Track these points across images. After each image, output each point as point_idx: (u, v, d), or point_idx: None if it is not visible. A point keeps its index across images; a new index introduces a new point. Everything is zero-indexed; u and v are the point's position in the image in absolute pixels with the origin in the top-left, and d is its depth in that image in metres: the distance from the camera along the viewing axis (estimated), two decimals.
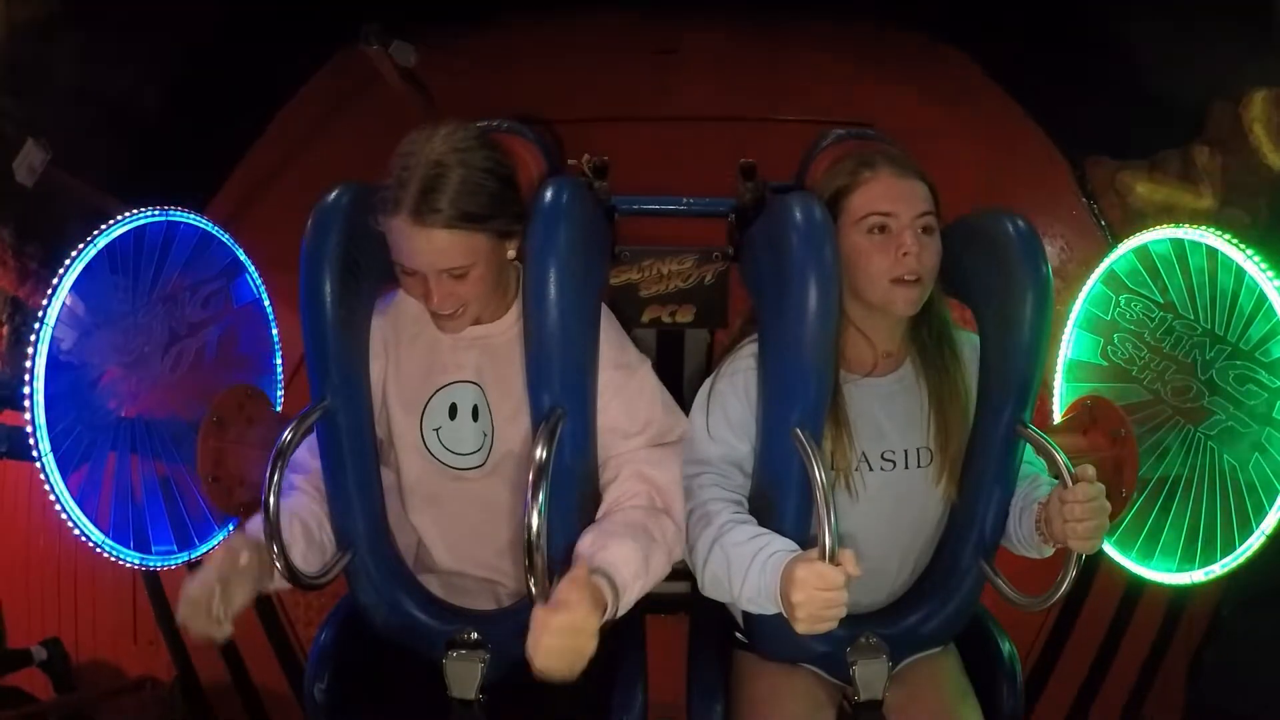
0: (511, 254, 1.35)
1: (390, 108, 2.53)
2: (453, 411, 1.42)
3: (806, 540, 1.29)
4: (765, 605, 1.24)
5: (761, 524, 1.33)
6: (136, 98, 2.90)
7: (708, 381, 1.47)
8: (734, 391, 1.42)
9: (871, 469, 1.43)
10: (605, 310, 1.45)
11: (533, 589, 1.19)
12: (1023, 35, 3.01)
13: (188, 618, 1.19)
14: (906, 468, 1.44)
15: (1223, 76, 2.59)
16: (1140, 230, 1.73)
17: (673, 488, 1.36)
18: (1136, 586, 2.33)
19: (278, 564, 1.26)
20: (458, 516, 1.46)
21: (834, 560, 1.14)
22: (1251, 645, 2.28)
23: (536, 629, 1.15)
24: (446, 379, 1.43)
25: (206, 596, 1.19)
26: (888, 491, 1.43)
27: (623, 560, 1.25)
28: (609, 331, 1.42)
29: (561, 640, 1.15)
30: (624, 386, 1.38)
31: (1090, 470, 1.25)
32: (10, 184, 2.36)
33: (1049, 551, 1.40)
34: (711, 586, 1.34)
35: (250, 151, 3.07)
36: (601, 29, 2.99)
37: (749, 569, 1.25)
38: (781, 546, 1.25)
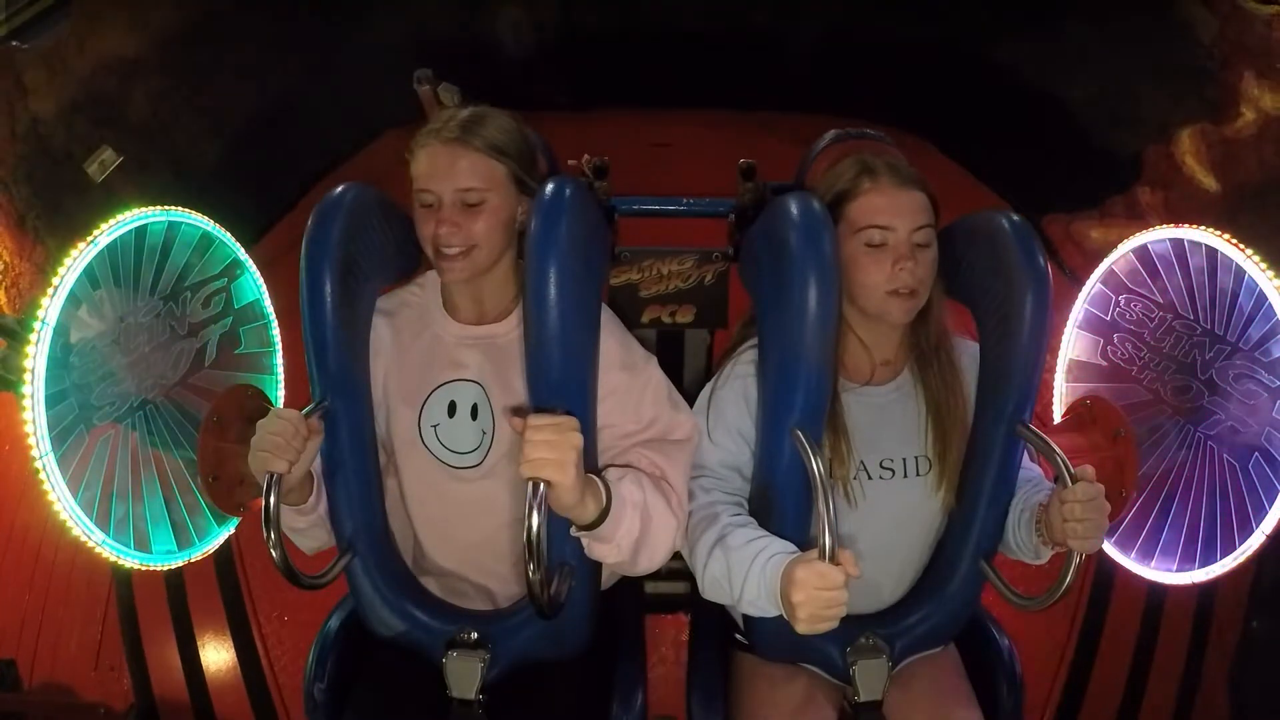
0: (521, 215, 1.38)
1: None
2: (451, 409, 1.42)
3: (806, 541, 1.29)
4: (766, 607, 1.24)
5: (761, 525, 1.34)
6: (198, 145, 3.09)
7: (708, 386, 1.48)
8: (734, 397, 1.42)
9: (870, 478, 1.43)
10: (608, 311, 1.45)
11: (533, 589, 1.19)
12: (974, 115, 3.56)
13: (267, 433, 1.24)
14: (905, 476, 1.44)
15: (1151, 124, 2.99)
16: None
17: (678, 475, 1.36)
18: (1157, 601, 2.34)
19: (278, 564, 1.26)
20: (456, 517, 1.46)
21: (834, 560, 1.14)
22: None
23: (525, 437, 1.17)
24: (447, 376, 1.43)
25: (294, 419, 1.25)
26: (887, 500, 1.43)
27: (611, 472, 1.29)
28: (614, 332, 1.42)
29: (545, 435, 1.16)
30: (630, 388, 1.39)
31: (1090, 470, 1.26)
32: (68, 200, 2.50)
33: (1046, 556, 1.40)
34: (712, 589, 1.34)
35: (295, 207, 3.35)
36: (607, 126, 3.41)
37: (749, 572, 1.25)
38: (781, 549, 1.25)
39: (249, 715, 2.45)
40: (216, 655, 2.53)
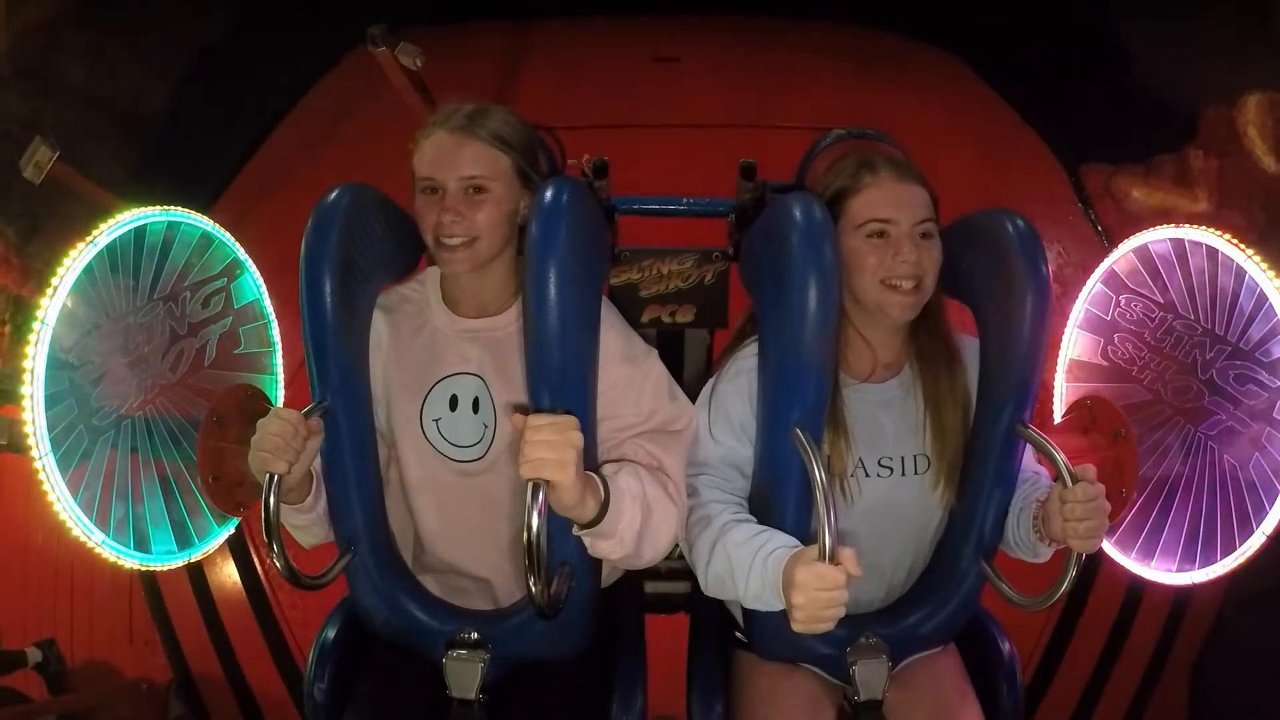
0: (524, 209, 1.39)
1: (395, 112, 2.54)
2: (453, 403, 1.42)
3: (806, 539, 1.29)
4: (771, 602, 1.25)
5: (761, 523, 1.34)
6: (143, 99, 2.92)
7: (710, 382, 1.47)
8: (736, 394, 1.42)
9: (869, 475, 1.43)
10: (607, 304, 1.45)
11: (533, 589, 1.19)
12: (1019, 41, 3.05)
13: (267, 434, 1.23)
14: (904, 474, 1.44)
15: (1217, 81, 2.65)
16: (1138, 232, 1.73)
17: (676, 467, 1.36)
18: (1137, 590, 2.35)
19: (278, 564, 1.26)
20: (458, 511, 1.47)
21: (834, 560, 1.14)
22: (1251, 647, 2.29)
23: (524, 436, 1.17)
24: (448, 370, 1.44)
25: (294, 420, 1.24)
26: (885, 497, 1.43)
27: (608, 468, 1.29)
28: (615, 325, 1.42)
29: (545, 434, 1.16)
30: (631, 380, 1.39)
31: (1091, 470, 1.25)
32: (17, 182, 2.38)
33: (1045, 554, 1.40)
34: (715, 586, 1.34)
35: (256, 154, 3.11)
36: (604, 37, 3.12)
37: (751, 567, 1.25)
38: (782, 543, 1.25)
39: (275, 677, 2.50)
40: (238, 623, 2.57)
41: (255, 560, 2.58)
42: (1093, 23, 2.92)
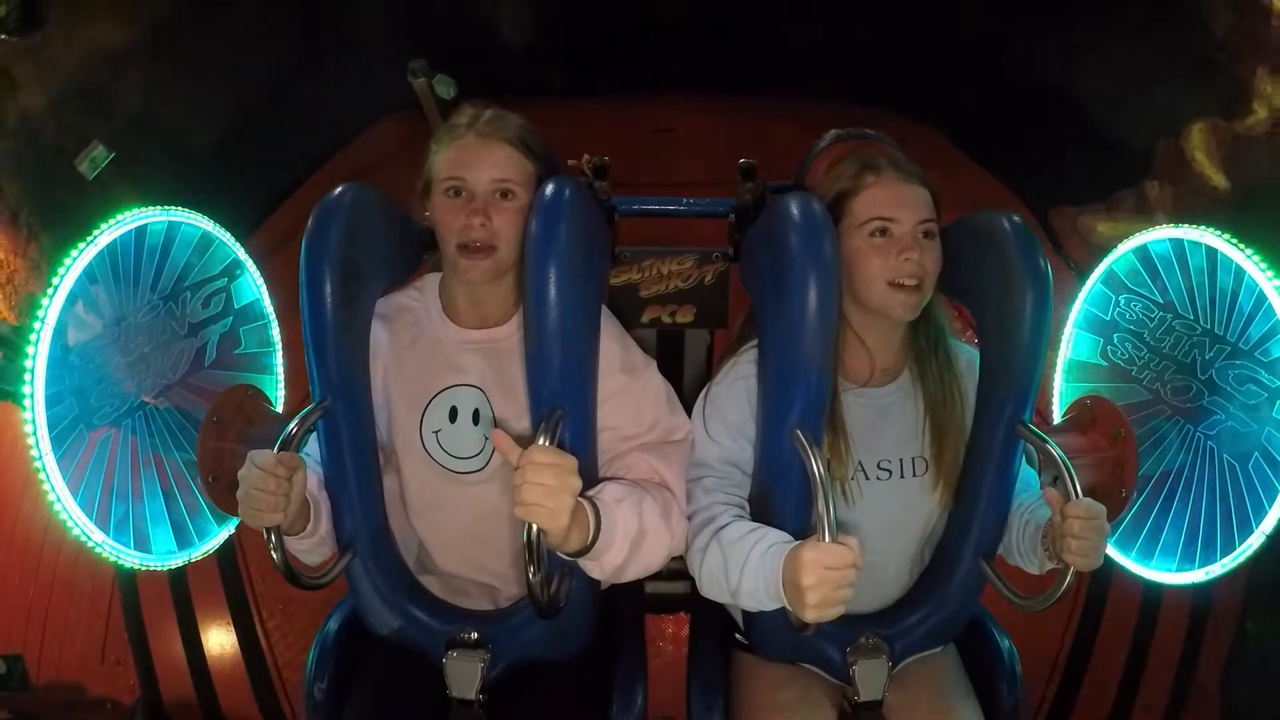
0: None
1: (421, 168, 2.62)
2: (453, 415, 1.42)
3: (805, 537, 1.29)
4: (764, 600, 1.24)
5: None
6: (193, 133, 3.08)
7: (708, 386, 1.47)
8: (734, 397, 1.42)
9: (868, 478, 1.43)
10: (607, 313, 1.45)
11: (533, 590, 1.19)
12: (983, 105, 3.46)
13: (250, 489, 1.21)
14: (903, 477, 1.44)
15: (1163, 117, 2.91)
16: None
17: (677, 479, 1.36)
18: (1153, 600, 2.34)
19: (278, 564, 1.26)
20: (458, 521, 1.46)
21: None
22: (1277, 655, 2.28)
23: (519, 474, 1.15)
24: (448, 382, 1.43)
25: (271, 466, 1.21)
26: (884, 500, 1.44)
27: (610, 492, 1.27)
28: (614, 334, 1.42)
29: (545, 477, 1.14)
30: (630, 390, 1.39)
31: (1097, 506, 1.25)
32: (58, 193, 2.49)
33: (1047, 568, 1.40)
34: (709, 584, 1.33)
35: (294, 193, 3.36)
36: (610, 112, 3.49)
37: (746, 562, 1.24)
38: (779, 538, 1.25)
39: (253, 707, 2.46)
40: (220, 648, 2.54)
41: (244, 581, 2.55)
42: (1047, 80, 3.22)
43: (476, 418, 1.41)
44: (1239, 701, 2.34)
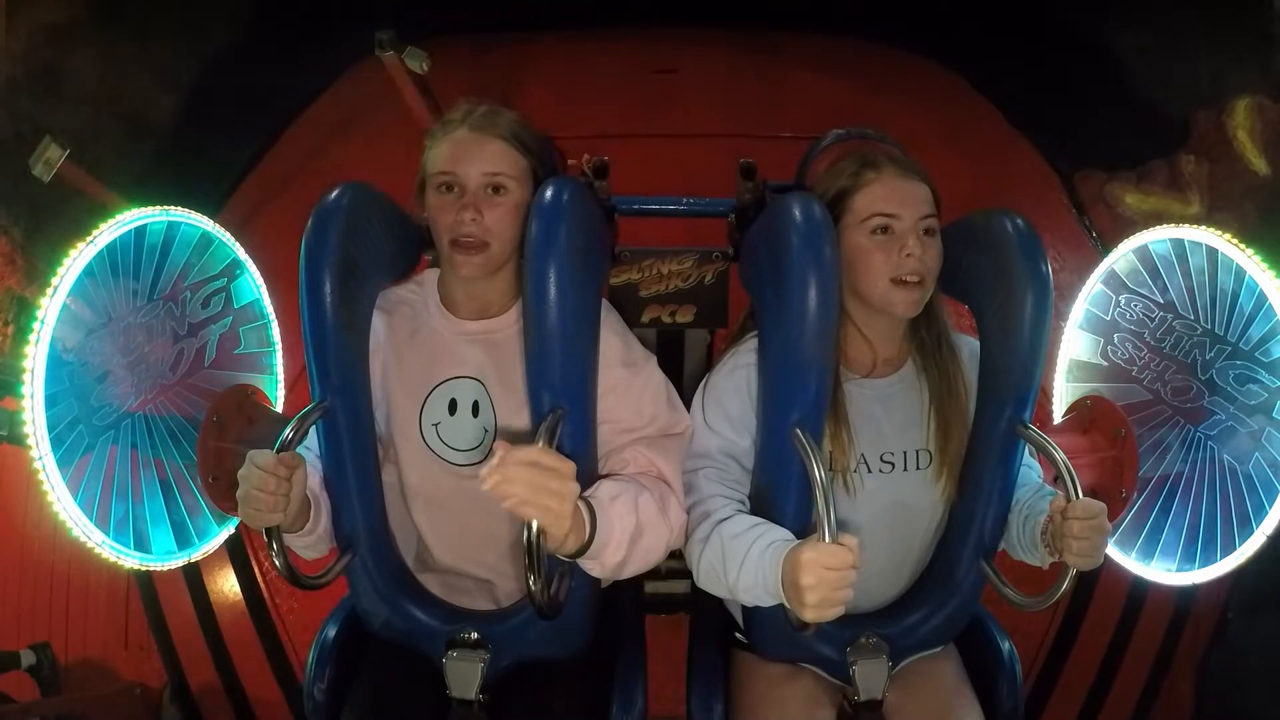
0: None
1: (402, 119, 2.55)
2: (452, 407, 1.42)
3: (806, 536, 1.29)
4: (761, 596, 1.24)
5: None
6: (152, 104, 2.98)
7: (708, 376, 1.47)
8: (734, 387, 1.42)
9: (870, 470, 1.43)
10: (608, 307, 1.45)
11: (533, 590, 1.19)
12: (1013, 54, 3.12)
13: (250, 489, 1.20)
14: (906, 469, 1.44)
15: (1206, 87, 2.71)
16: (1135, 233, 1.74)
17: (674, 473, 1.36)
18: (1140, 591, 2.35)
19: (278, 564, 1.26)
20: (458, 515, 1.46)
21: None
22: (1256, 649, 2.29)
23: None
24: (447, 374, 1.43)
25: (270, 466, 1.20)
26: (887, 493, 1.43)
27: (604, 490, 1.26)
28: (614, 329, 1.42)
29: (550, 482, 1.11)
30: (630, 384, 1.39)
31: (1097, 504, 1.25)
32: (24, 183, 2.42)
33: (1049, 562, 1.40)
34: (706, 577, 1.33)
35: (264, 158, 3.14)
36: (605, 49, 3.16)
37: (746, 557, 1.24)
38: (780, 536, 1.25)
39: (273, 684, 2.49)
40: (236, 628, 2.56)
41: (254, 565, 2.57)
42: (1084, 33, 2.98)
43: (476, 410, 1.42)
44: (1213, 700, 2.35)
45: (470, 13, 3.07)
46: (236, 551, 2.55)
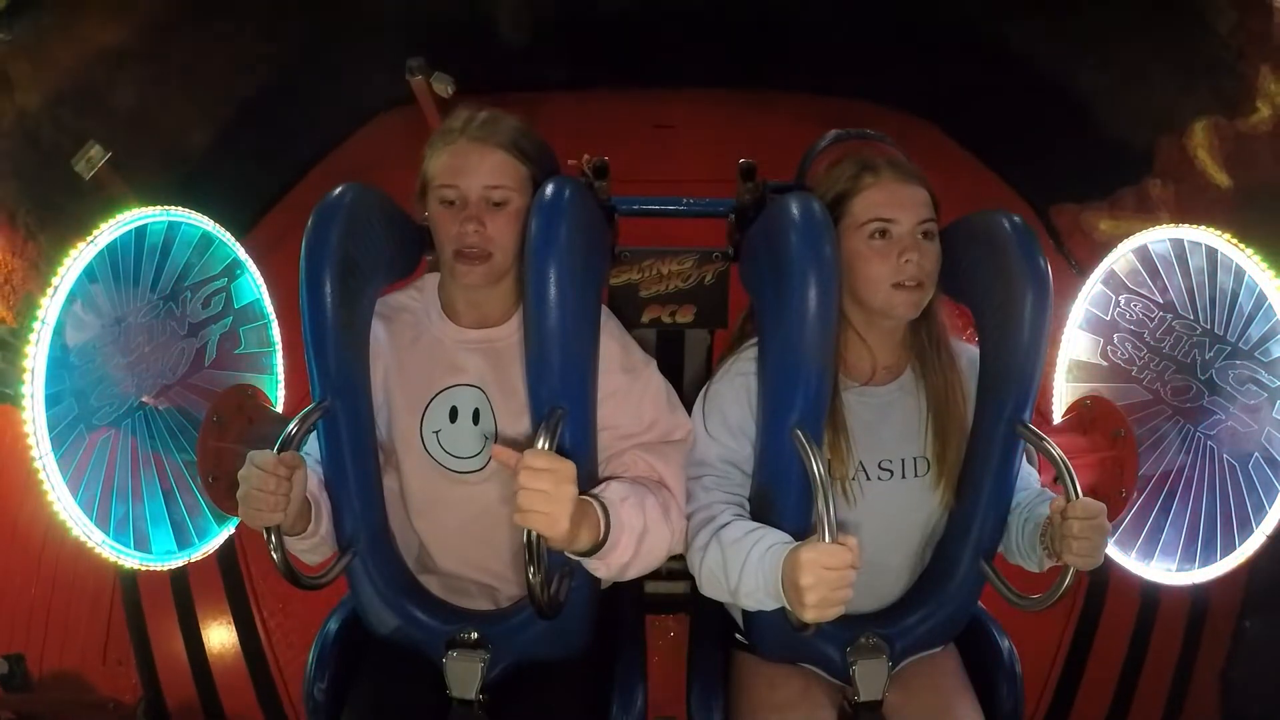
0: None
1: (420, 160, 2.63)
2: (453, 414, 1.42)
3: (805, 537, 1.29)
4: (763, 600, 1.24)
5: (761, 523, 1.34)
6: (190, 133, 3.13)
7: (708, 384, 1.47)
8: (734, 395, 1.42)
9: (869, 478, 1.43)
10: (607, 313, 1.45)
11: (533, 589, 1.19)
12: (984, 102, 3.42)
13: (250, 489, 1.20)
14: (904, 477, 1.44)
15: (1164, 114, 2.90)
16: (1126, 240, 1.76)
17: (675, 478, 1.36)
18: (1152, 601, 2.35)
19: (278, 564, 1.26)
20: (458, 521, 1.46)
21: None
22: (1276, 655, 2.28)
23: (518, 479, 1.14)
24: (448, 381, 1.43)
25: (271, 466, 1.20)
26: (885, 500, 1.43)
27: (614, 490, 1.27)
28: (614, 334, 1.42)
29: (542, 484, 1.14)
30: (630, 389, 1.39)
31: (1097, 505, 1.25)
32: (60, 194, 2.54)
33: (1047, 565, 1.40)
34: (709, 583, 1.33)
35: (291, 190, 3.32)
36: (610, 107, 3.54)
37: (746, 561, 1.24)
38: (779, 539, 1.25)
39: (254, 705, 2.46)
40: (221, 647, 2.55)
41: (245, 581, 2.56)
42: (1048, 74, 3.20)
43: (476, 418, 1.42)
44: (1237, 702, 2.35)
45: (487, 75, 3.25)
46: (227, 564, 2.54)
